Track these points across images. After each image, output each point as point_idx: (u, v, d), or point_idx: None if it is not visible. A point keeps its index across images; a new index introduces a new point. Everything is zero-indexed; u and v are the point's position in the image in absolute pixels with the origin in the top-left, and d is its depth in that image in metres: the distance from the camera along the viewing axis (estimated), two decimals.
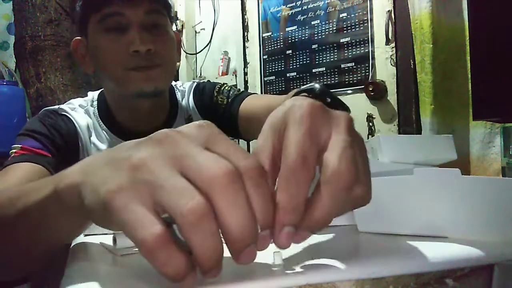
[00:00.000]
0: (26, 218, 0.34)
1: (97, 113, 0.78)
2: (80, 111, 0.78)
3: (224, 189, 0.22)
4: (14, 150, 0.66)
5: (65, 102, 0.81)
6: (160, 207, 0.22)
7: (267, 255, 0.30)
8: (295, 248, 0.35)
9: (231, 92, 0.82)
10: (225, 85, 0.86)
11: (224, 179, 0.22)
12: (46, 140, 0.69)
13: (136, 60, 0.67)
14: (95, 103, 0.79)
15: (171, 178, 0.22)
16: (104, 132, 0.76)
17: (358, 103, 1.73)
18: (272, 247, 0.26)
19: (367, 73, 1.74)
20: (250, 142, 1.55)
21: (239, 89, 0.85)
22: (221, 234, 0.23)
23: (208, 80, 0.95)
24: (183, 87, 0.87)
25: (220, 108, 0.82)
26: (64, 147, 0.71)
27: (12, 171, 0.62)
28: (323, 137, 0.27)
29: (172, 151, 0.23)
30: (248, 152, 0.25)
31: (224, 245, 0.23)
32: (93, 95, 0.81)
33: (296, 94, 0.49)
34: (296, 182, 0.25)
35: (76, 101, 0.80)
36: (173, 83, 0.85)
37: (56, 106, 0.77)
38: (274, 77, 2.09)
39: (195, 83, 0.87)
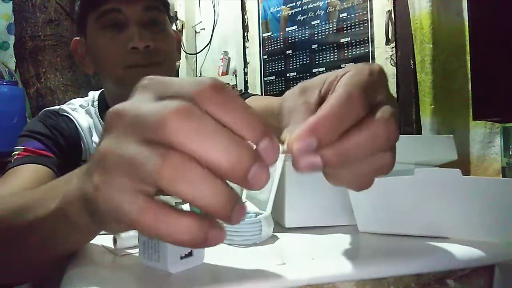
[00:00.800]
0: (34, 232, 0.34)
1: (98, 113, 0.77)
2: (81, 111, 0.77)
3: (181, 126, 0.20)
4: (16, 152, 0.65)
5: (65, 102, 0.81)
6: (144, 184, 0.21)
7: (269, 255, 0.30)
8: (296, 249, 0.35)
9: None
10: (227, 85, 0.86)
11: (175, 117, 0.20)
12: (48, 141, 0.68)
13: (134, 58, 0.66)
14: (96, 103, 0.79)
15: (138, 150, 0.21)
16: None
17: None
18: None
19: None
20: None
21: (241, 90, 0.85)
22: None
23: None
24: None
25: None
26: (66, 148, 0.71)
27: (17, 173, 0.61)
28: (377, 99, 0.26)
29: (129, 127, 0.22)
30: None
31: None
32: (94, 95, 0.81)
33: None
34: (341, 114, 0.23)
35: (77, 101, 0.80)
36: None
37: (57, 107, 0.77)
38: (274, 77, 2.09)
39: None
